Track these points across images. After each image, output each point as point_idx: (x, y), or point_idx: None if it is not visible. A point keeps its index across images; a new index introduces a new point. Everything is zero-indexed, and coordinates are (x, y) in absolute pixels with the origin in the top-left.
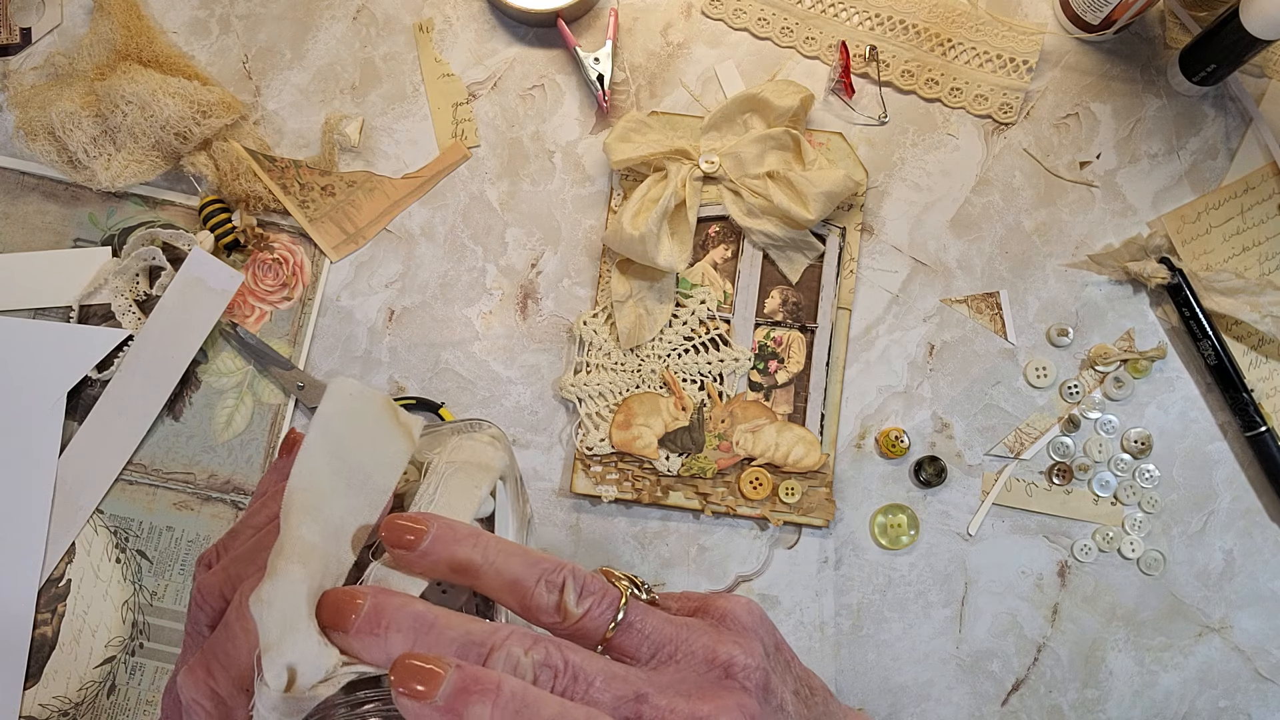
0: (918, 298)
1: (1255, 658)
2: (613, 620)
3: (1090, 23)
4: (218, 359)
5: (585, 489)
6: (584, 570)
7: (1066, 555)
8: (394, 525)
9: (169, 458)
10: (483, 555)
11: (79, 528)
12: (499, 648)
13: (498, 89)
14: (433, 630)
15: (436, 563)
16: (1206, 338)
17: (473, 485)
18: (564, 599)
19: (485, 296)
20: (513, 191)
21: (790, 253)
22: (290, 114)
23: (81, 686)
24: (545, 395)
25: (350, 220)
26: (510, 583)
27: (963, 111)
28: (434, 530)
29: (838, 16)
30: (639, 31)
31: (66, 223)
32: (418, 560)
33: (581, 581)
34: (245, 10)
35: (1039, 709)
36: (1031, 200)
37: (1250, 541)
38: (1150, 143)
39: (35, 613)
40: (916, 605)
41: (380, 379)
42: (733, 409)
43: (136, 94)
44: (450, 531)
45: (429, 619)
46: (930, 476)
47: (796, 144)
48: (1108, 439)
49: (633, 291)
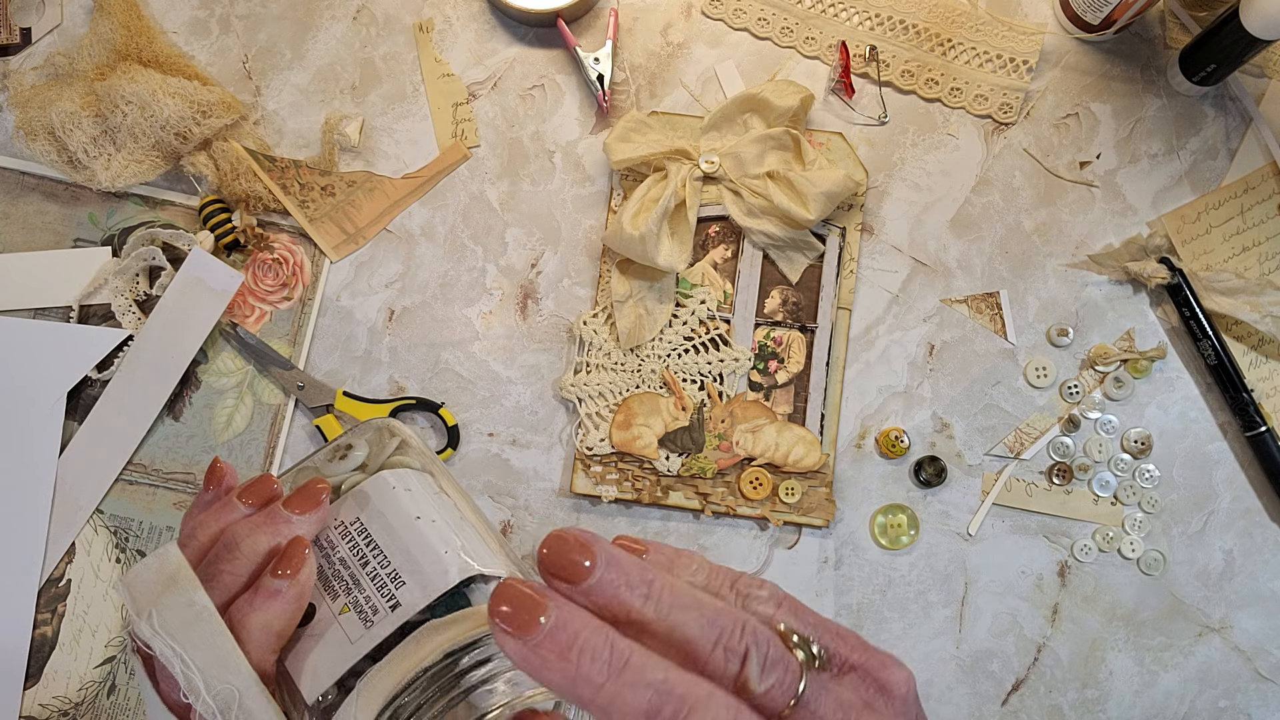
0: (918, 298)
1: (1255, 658)
2: (793, 698)
3: (1090, 23)
4: (218, 359)
5: (585, 489)
6: (764, 631)
7: (1066, 555)
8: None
9: (169, 458)
10: (654, 609)
11: (79, 528)
12: (699, 708)
13: (498, 89)
14: (626, 669)
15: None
16: (1206, 338)
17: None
18: (746, 671)
19: (485, 296)
20: (513, 191)
21: (790, 253)
22: (290, 114)
23: (81, 686)
24: (545, 395)
25: (350, 220)
26: (683, 642)
27: (963, 111)
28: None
29: (838, 16)
30: (639, 31)
31: (66, 223)
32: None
33: (764, 649)
34: (245, 10)
35: (1039, 709)
36: (1031, 200)
37: (1250, 541)
38: (1150, 143)
39: (35, 613)
40: (916, 605)
41: (380, 379)
42: (733, 409)
43: (136, 94)
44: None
45: (624, 656)
46: (930, 476)
47: (796, 144)
48: (1108, 439)
49: (633, 291)
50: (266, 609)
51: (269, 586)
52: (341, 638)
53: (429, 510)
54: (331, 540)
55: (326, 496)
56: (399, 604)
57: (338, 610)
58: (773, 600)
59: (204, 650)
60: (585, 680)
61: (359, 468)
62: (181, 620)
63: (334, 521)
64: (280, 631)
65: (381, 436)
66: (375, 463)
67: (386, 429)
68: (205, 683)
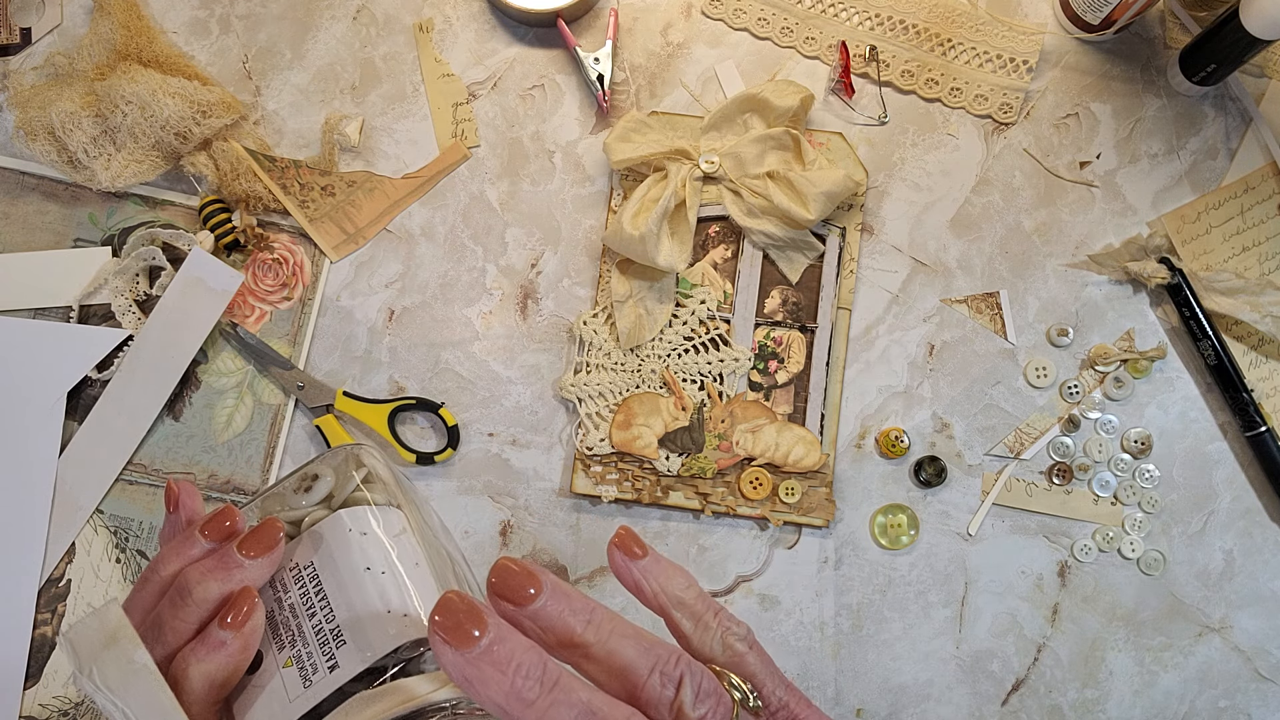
0: (918, 298)
1: (1255, 658)
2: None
3: (1090, 23)
4: (218, 359)
5: (585, 489)
6: (699, 665)
7: (1066, 555)
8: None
9: (169, 458)
10: (595, 633)
11: (79, 528)
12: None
13: (498, 89)
14: (556, 688)
15: (548, 627)
16: (1206, 338)
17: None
18: (680, 697)
19: (485, 296)
20: (513, 191)
21: (790, 253)
22: (290, 114)
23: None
24: (545, 395)
25: (350, 220)
26: (621, 668)
27: (963, 111)
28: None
29: (838, 16)
30: (639, 31)
31: (66, 223)
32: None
33: (699, 681)
34: (245, 10)
35: (1039, 709)
36: (1031, 200)
37: (1250, 541)
38: (1150, 143)
39: (35, 613)
40: (916, 605)
41: (380, 379)
42: (733, 409)
43: (136, 94)
44: (565, 599)
45: (554, 676)
46: (930, 476)
47: (796, 144)
48: (1108, 439)
49: (633, 291)
50: (210, 660)
51: (214, 638)
52: (282, 694)
53: (379, 560)
54: (285, 583)
55: (282, 539)
56: (337, 665)
57: (282, 663)
58: (745, 641)
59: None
60: (518, 696)
61: (323, 500)
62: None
63: (289, 563)
64: (223, 683)
65: (348, 466)
66: (340, 495)
67: (354, 458)
68: None
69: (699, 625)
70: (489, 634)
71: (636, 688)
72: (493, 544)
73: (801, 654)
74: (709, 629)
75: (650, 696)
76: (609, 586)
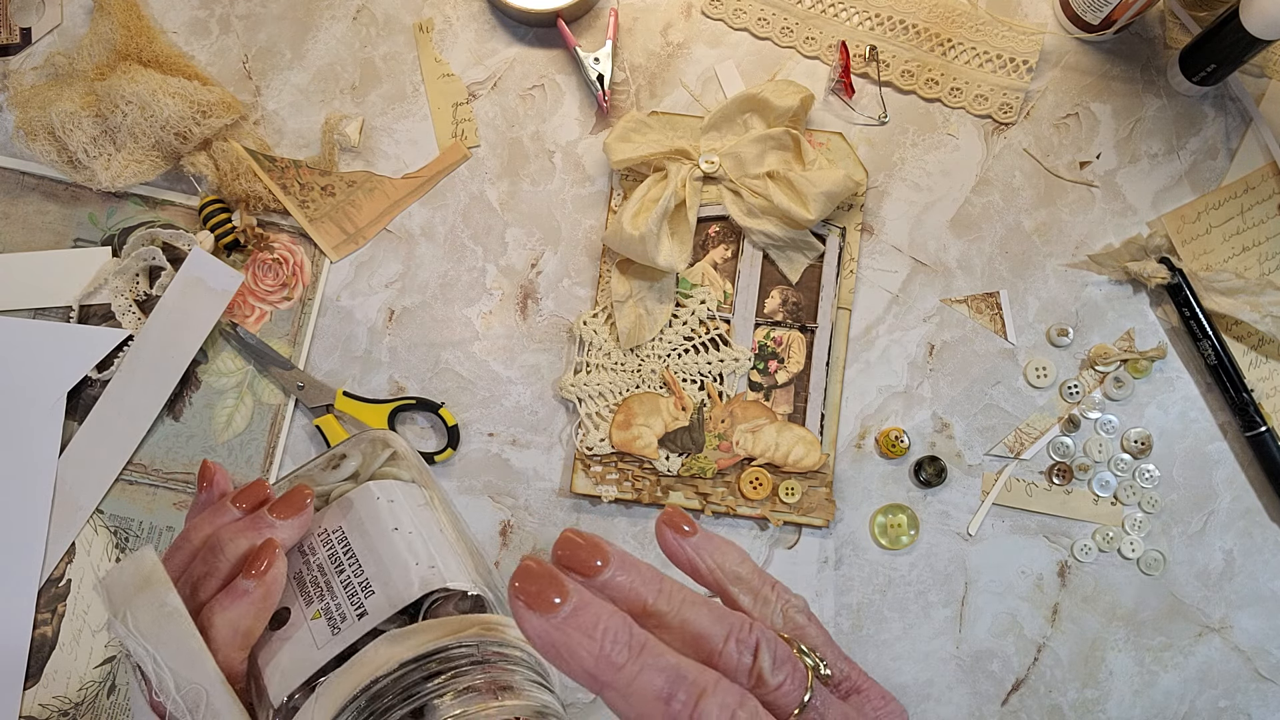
0: (918, 298)
1: (1255, 658)
2: (800, 702)
3: (1090, 23)
4: (218, 359)
5: (585, 489)
6: (770, 631)
7: (1066, 555)
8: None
9: (169, 458)
10: (668, 603)
11: (79, 528)
12: (710, 693)
13: (498, 89)
14: (644, 652)
15: (619, 599)
16: (1206, 338)
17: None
18: (758, 663)
19: (485, 296)
20: (513, 191)
21: (790, 253)
22: (290, 114)
23: (81, 686)
24: (545, 395)
25: (350, 220)
26: (696, 635)
27: (963, 111)
28: (615, 562)
29: (838, 16)
30: (639, 31)
31: (66, 223)
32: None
33: (774, 648)
34: (245, 10)
35: (1039, 709)
36: (1031, 200)
37: (1250, 541)
38: (1150, 143)
39: (35, 613)
40: (916, 605)
41: (380, 379)
42: (733, 409)
43: (136, 94)
44: (634, 570)
45: (641, 640)
46: (930, 476)
47: (796, 144)
48: (1108, 439)
49: (633, 291)
50: (233, 608)
51: (238, 587)
52: (310, 642)
53: (406, 522)
54: (313, 546)
55: (310, 503)
56: (366, 612)
57: (310, 615)
58: (804, 614)
59: (173, 649)
60: (608, 661)
61: (350, 477)
62: (153, 620)
63: (318, 528)
64: (247, 630)
65: (375, 448)
66: (366, 473)
67: (381, 440)
68: (175, 682)
69: (758, 600)
70: (571, 599)
71: (713, 655)
72: (493, 544)
73: None
74: (769, 603)
75: (728, 664)
76: None
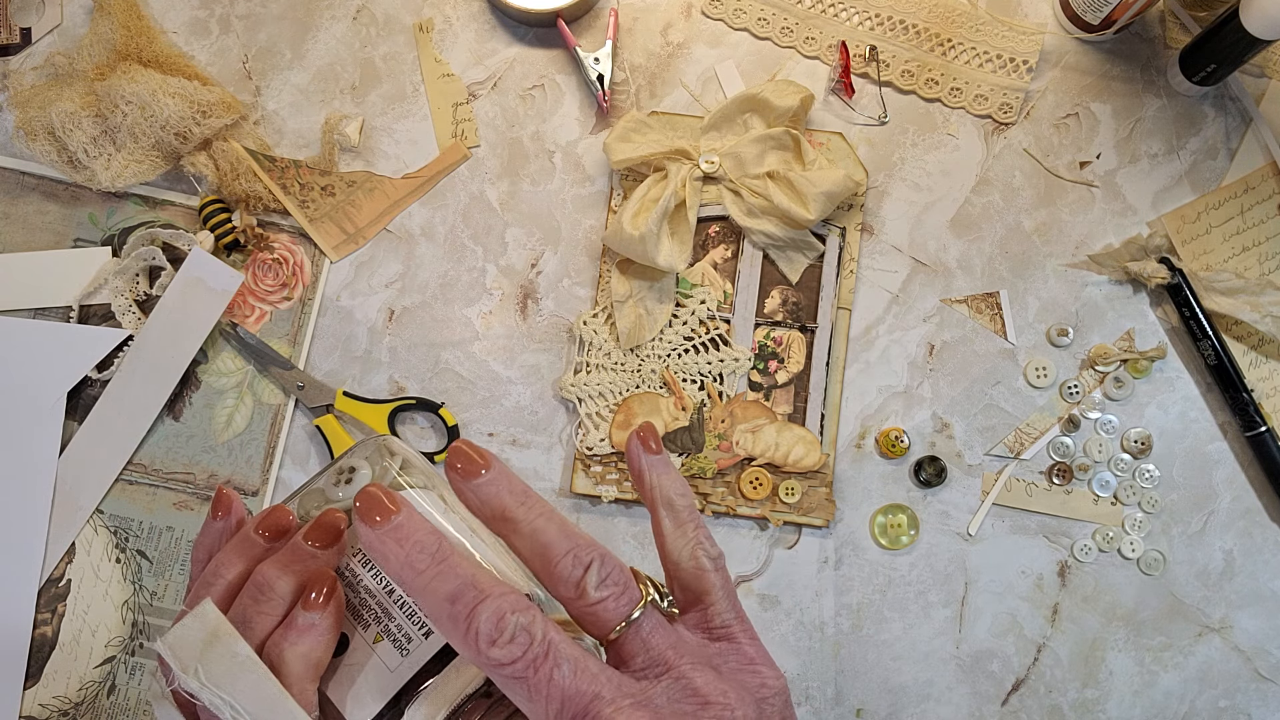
0: (918, 298)
1: (1255, 658)
2: (625, 619)
3: (1090, 23)
4: (218, 359)
5: (585, 489)
6: (616, 560)
7: (1066, 555)
8: (463, 452)
9: (169, 458)
10: (525, 512)
11: (79, 528)
12: (492, 597)
13: (498, 89)
14: (444, 563)
15: (486, 501)
16: (1206, 338)
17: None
18: (586, 578)
19: (485, 296)
20: (513, 191)
21: (790, 253)
22: (290, 114)
23: (81, 686)
24: (545, 395)
25: (350, 220)
26: (542, 545)
27: (963, 111)
28: (493, 472)
29: (838, 16)
30: (639, 31)
31: (66, 223)
32: (470, 491)
33: (609, 569)
34: (245, 10)
35: (1039, 709)
36: (1031, 200)
37: (1250, 541)
38: (1150, 143)
39: (35, 613)
40: (916, 605)
41: (380, 379)
42: (733, 409)
43: (136, 94)
44: (507, 480)
45: (445, 554)
46: (930, 476)
47: (796, 144)
48: (1108, 439)
49: (633, 291)
50: (302, 642)
51: (303, 621)
52: (381, 667)
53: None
54: (354, 569)
55: (345, 528)
56: (431, 630)
57: (371, 639)
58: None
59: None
60: (410, 565)
61: None
62: (227, 671)
63: (351, 549)
64: (318, 662)
65: (382, 455)
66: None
67: (385, 448)
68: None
69: (678, 529)
70: (399, 515)
71: (551, 564)
72: None
73: (801, 654)
74: (685, 536)
75: (561, 573)
76: None
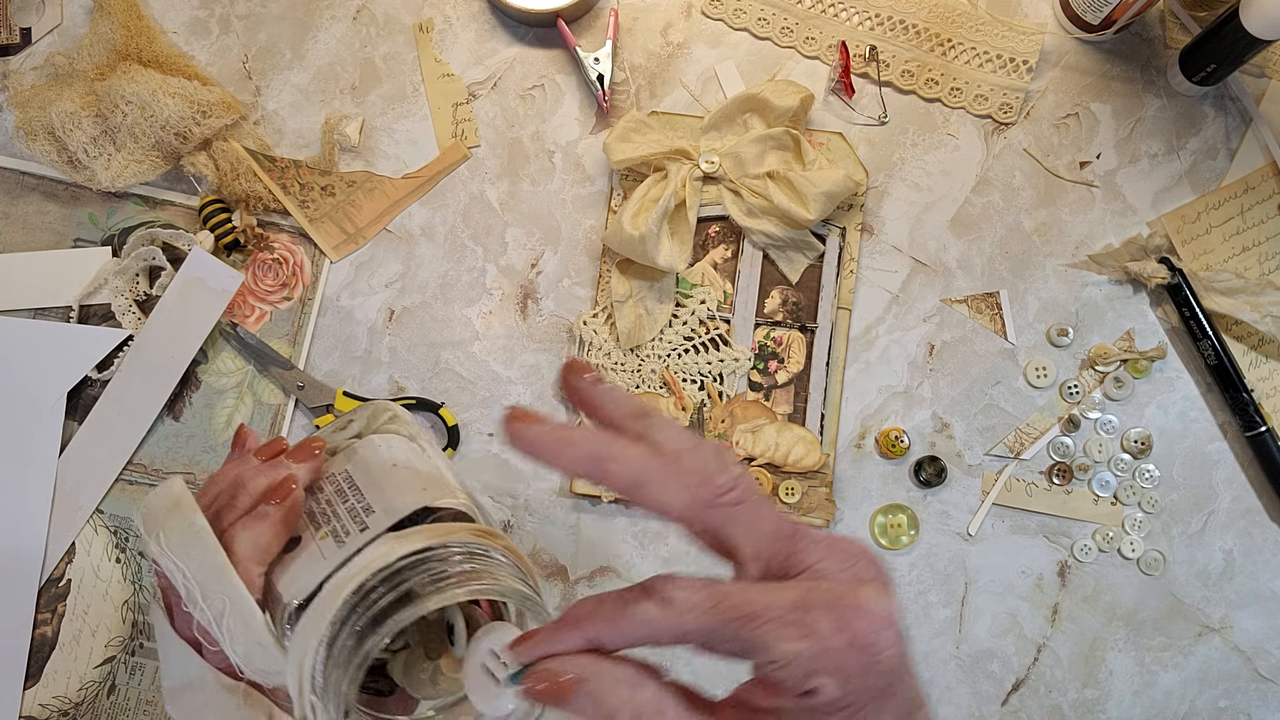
0: (918, 298)
1: (1255, 658)
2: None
3: (1090, 23)
4: (218, 359)
5: (585, 489)
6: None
7: (1066, 555)
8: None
9: (169, 458)
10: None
11: (79, 528)
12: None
13: (498, 89)
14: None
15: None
16: (1206, 338)
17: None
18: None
19: (485, 296)
20: (513, 191)
21: (790, 253)
22: (290, 114)
23: (81, 686)
24: (545, 395)
25: (350, 220)
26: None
27: (963, 111)
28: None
29: (838, 16)
30: (639, 31)
31: (66, 223)
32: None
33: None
34: (245, 10)
35: (1039, 709)
36: (1031, 200)
37: (1250, 541)
38: (1150, 143)
39: (35, 613)
40: (916, 605)
41: (380, 379)
42: (733, 409)
43: (136, 94)
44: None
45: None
46: (930, 476)
47: (796, 144)
48: (1108, 439)
49: (633, 291)
50: (254, 528)
51: (259, 511)
52: (319, 555)
53: (403, 459)
54: (322, 486)
55: (321, 451)
56: (367, 527)
57: (318, 536)
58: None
59: (200, 564)
60: (604, 446)
61: (355, 436)
62: (181, 539)
63: (327, 472)
64: (265, 547)
65: (378, 413)
66: (369, 430)
67: (383, 407)
68: (201, 592)
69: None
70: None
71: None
72: None
73: None
74: None
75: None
76: (609, 587)
